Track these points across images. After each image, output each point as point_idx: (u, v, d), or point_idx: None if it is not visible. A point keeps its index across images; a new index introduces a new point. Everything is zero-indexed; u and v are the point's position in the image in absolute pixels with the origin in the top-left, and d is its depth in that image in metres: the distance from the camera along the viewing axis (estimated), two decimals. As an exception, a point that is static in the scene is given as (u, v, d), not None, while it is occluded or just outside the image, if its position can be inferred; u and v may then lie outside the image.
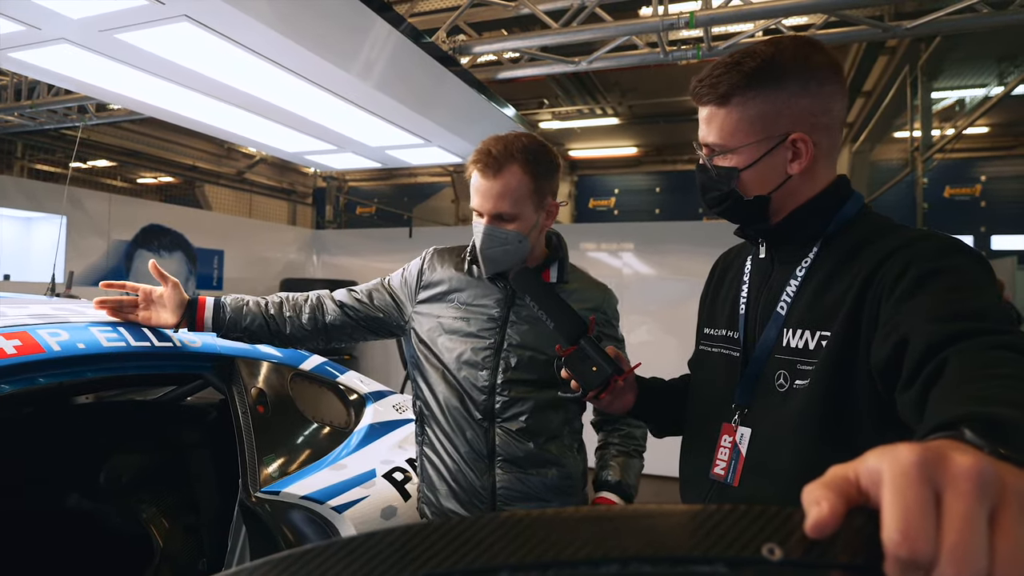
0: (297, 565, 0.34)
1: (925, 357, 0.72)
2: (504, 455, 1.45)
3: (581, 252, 6.12)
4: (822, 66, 0.95)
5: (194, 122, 3.79)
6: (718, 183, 1.01)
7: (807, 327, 0.93)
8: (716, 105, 0.98)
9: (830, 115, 0.96)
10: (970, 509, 0.33)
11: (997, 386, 0.60)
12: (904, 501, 0.33)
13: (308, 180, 10.05)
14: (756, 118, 0.95)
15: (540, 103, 8.30)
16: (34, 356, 1.31)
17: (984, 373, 0.64)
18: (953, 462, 0.34)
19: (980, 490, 0.33)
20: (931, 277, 0.81)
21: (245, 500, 1.52)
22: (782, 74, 0.94)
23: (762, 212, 1.00)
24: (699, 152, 1.04)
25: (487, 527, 0.34)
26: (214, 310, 1.51)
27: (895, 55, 5.96)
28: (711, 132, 0.99)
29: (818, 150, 0.96)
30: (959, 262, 0.83)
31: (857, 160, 8.07)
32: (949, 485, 0.34)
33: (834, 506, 0.34)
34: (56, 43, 2.68)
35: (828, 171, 1.00)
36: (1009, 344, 0.68)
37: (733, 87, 0.95)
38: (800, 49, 0.95)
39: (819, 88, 0.95)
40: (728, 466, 1.00)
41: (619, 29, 3.17)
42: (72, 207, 5.23)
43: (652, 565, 0.33)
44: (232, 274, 6.59)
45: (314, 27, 2.69)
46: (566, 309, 1.15)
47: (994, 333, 0.70)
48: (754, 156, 0.96)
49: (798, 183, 0.98)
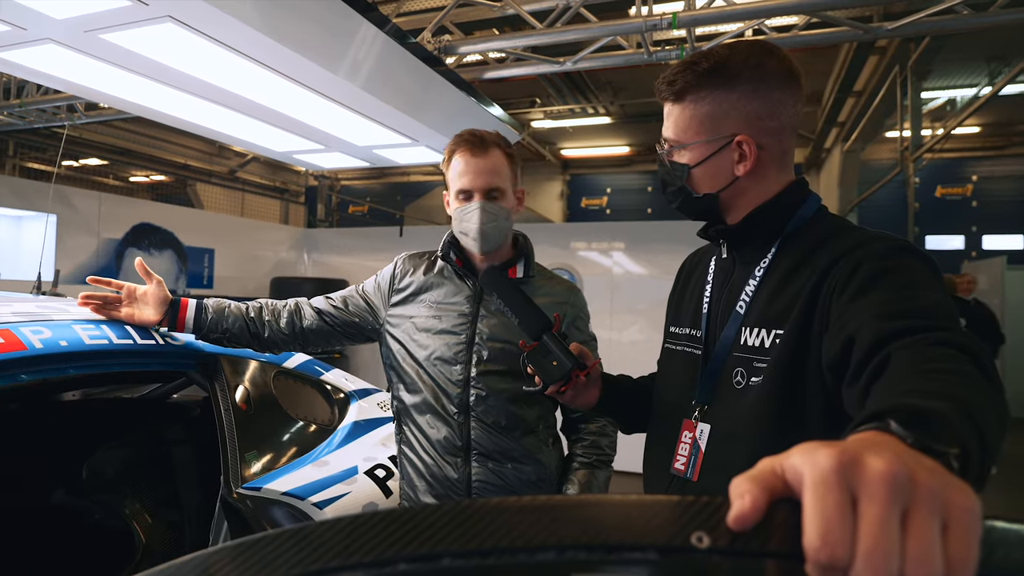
0: (251, 551, 0.36)
1: (870, 353, 0.74)
2: (479, 448, 1.48)
3: (572, 251, 6.13)
4: (774, 72, 0.97)
5: (182, 122, 3.79)
6: (673, 178, 1.05)
7: (763, 325, 0.95)
8: (672, 102, 1.02)
9: (778, 120, 0.98)
10: (883, 513, 0.35)
11: (934, 380, 0.62)
12: (823, 508, 0.35)
13: (301, 179, 10.04)
14: (706, 117, 0.99)
15: (532, 102, 8.32)
16: (16, 353, 1.33)
17: (924, 368, 0.66)
18: (868, 467, 0.36)
19: (892, 493, 0.35)
20: (880, 276, 0.83)
21: (227, 496, 1.54)
22: (733, 76, 0.97)
23: (711, 210, 1.04)
24: (660, 147, 1.08)
25: (432, 515, 0.36)
26: (195, 311, 1.54)
27: (885, 55, 5.99)
28: (669, 127, 1.04)
29: (764, 153, 0.98)
30: (907, 262, 0.85)
31: (848, 160, 8.10)
32: (864, 489, 0.36)
33: (756, 500, 0.36)
34: (42, 43, 2.68)
35: (782, 174, 1.02)
36: (951, 341, 0.70)
37: (687, 85, 0.99)
38: (754, 53, 0.98)
39: (769, 93, 0.97)
40: (688, 461, 1.03)
41: (603, 30, 3.19)
42: (62, 206, 5.22)
43: (587, 552, 0.34)
44: (223, 273, 6.59)
45: (299, 28, 2.70)
46: (531, 306, 1.19)
47: (938, 330, 0.72)
48: (703, 154, 1.00)
49: (747, 185, 1.00)
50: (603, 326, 5.79)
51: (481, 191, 1.48)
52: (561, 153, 10.56)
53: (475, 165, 1.48)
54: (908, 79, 5.63)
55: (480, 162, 1.48)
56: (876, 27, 3.19)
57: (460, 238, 1.54)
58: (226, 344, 1.59)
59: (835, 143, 8.47)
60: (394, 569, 0.34)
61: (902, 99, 5.88)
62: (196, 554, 0.37)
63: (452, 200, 1.53)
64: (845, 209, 8.34)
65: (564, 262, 6.08)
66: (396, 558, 0.34)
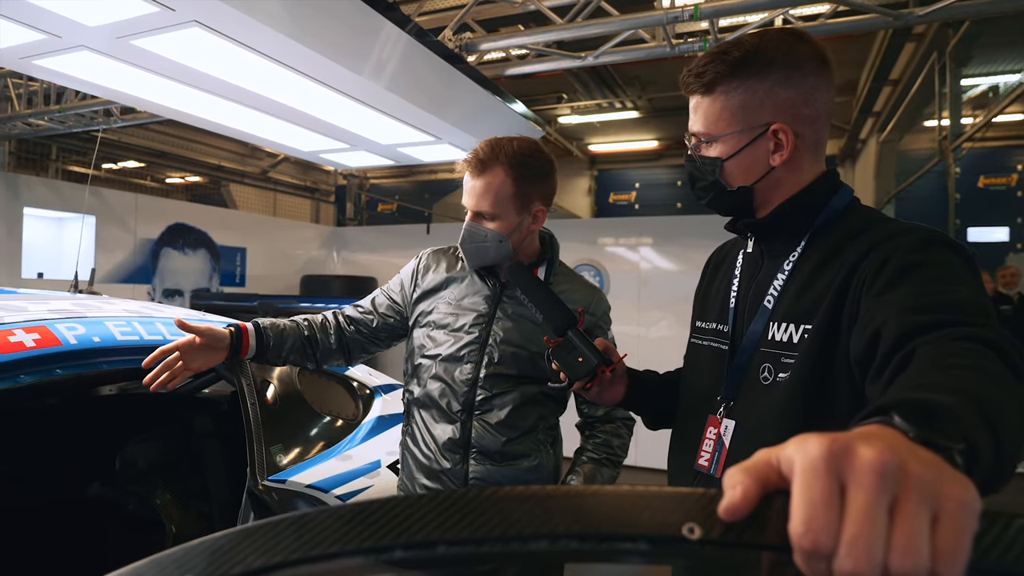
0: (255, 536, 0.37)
1: (894, 348, 0.72)
2: (478, 447, 1.50)
3: (599, 247, 6.10)
4: (807, 58, 0.95)
5: (211, 123, 3.89)
6: (704, 173, 1.02)
7: (791, 320, 0.93)
8: (702, 94, 0.99)
9: (813, 107, 0.96)
10: (869, 501, 0.34)
11: (950, 375, 0.60)
12: (809, 495, 0.35)
13: (330, 178, 10.17)
14: (739, 107, 0.96)
15: (558, 98, 8.28)
16: (52, 349, 1.39)
17: (945, 363, 0.64)
18: (857, 455, 0.36)
19: (881, 482, 0.35)
20: (910, 269, 0.81)
21: (253, 488, 1.57)
22: (766, 64, 0.94)
23: (746, 204, 1.01)
24: (688, 142, 1.05)
25: (428, 504, 0.37)
26: (256, 340, 1.52)
27: (923, 42, 5.81)
28: (697, 121, 1.01)
29: (801, 142, 0.96)
30: (939, 254, 0.82)
31: (884, 150, 7.89)
32: (852, 478, 0.35)
33: (747, 491, 0.36)
34: (76, 50, 2.78)
35: (815, 164, 1.00)
36: (977, 336, 0.68)
37: (718, 76, 0.96)
38: (785, 40, 0.96)
39: (802, 79, 0.95)
40: (712, 457, 1.01)
41: (624, 23, 3.16)
42: (101, 207, 5.40)
43: (579, 541, 0.35)
44: (254, 271, 6.74)
45: (322, 29, 2.74)
46: (556, 302, 1.18)
47: (965, 325, 0.70)
48: (737, 146, 0.97)
49: (782, 175, 0.98)
50: (631, 322, 5.75)
51: (472, 211, 1.50)
52: (588, 148, 10.50)
53: (469, 186, 1.50)
54: (947, 66, 5.45)
55: (476, 183, 1.48)
56: (907, 13, 3.09)
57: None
58: (281, 364, 1.61)
59: (871, 134, 8.25)
60: (390, 556, 0.35)
61: (940, 87, 5.70)
62: (205, 538, 0.39)
63: None
64: (882, 201, 8.12)
65: (591, 258, 6.06)
66: (392, 545, 0.35)
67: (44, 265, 5.12)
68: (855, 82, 7.52)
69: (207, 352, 1.46)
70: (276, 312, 5.07)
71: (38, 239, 5.24)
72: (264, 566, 0.36)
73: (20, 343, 1.34)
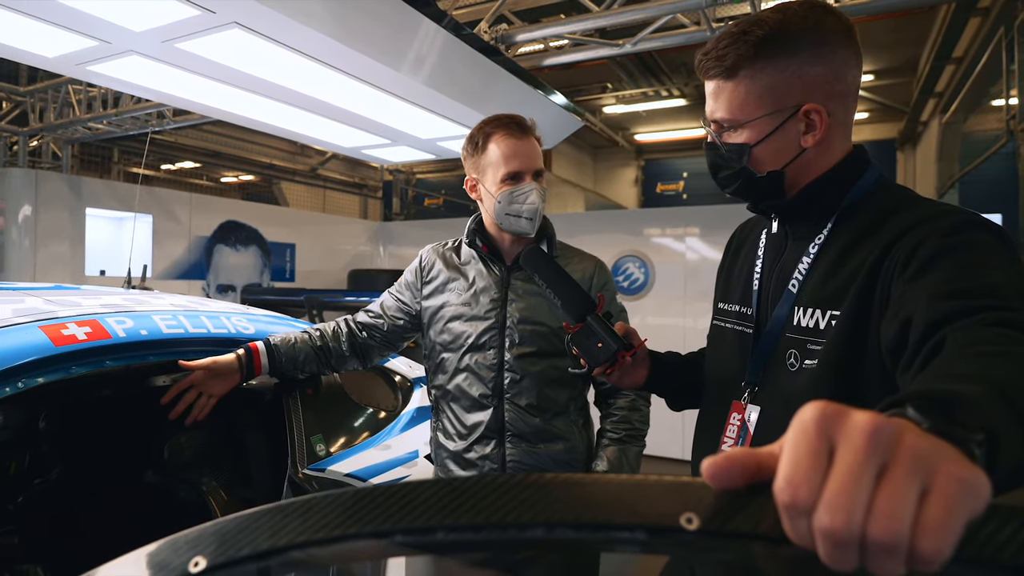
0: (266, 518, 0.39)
1: (924, 336, 0.69)
2: (513, 430, 1.51)
3: (645, 238, 6.01)
4: (835, 31, 0.89)
5: (256, 122, 4.00)
6: (729, 161, 0.97)
7: (818, 306, 0.90)
8: (723, 79, 0.93)
9: (844, 82, 0.91)
10: (856, 460, 0.33)
11: (977, 363, 0.58)
12: (796, 451, 0.34)
13: (378, 174, 10.33)
14: (766, 90, 0.90)
15: (603, 87, 8.19)
16: (102, 341, 1.45)
17: (974, 351, 0.61)
18: (850, 417, 0.35)
19: (871, 444, 0.33)
20: (943, 254, 0.77)
21: (293, 476, 1.62)
22: (793, 41, 0.88)
23: (776, 189, 0.96)
24: (707, 129, 1.00)
25: (428, 491, 0.38)
26: (268, 358, 1.59)
27: (988, 16, 5.52)
28: (719, 107, 0.95)
29: (833, 120, 0.91)
30: (974, 237, 0.78)
31: (947, 132, 7.53)
32: (842, 438, 0.34)
33: (735, 453, 0.35)
34: (126, 55, 2.89)
35: (844, 142, 0.95)
36: (1010, 321, 0.64)
37: (740, 59, 0.90)
38: (811, 13, 0.90)
39: (832, 54, 0.89)
40: (736, 444, 0.98)
41: (662, 8, 3.09)
42: (157, 206, 5.63)
43: (575, 530, 0.35)
44: (303, 267, 6.91)
45: (359, 27, 2.78)
46: (574, 287, 1.15)
47: (997, 310, 0.66)
48: (765, 130, 0.92)
49: (813, 156, 0.93)
50: (677, 313, 5.66)
51: (531, 172, 1.50)
52: (634, 138, 10.36)
53: (522, 148, 1.50)
54: (1015, 41, 5.15)
55: (526, 144, 1.50)
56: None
57: (507, 220, 1.52)
58: (299, 375, 1.68)
59: (932, 115, 7.89)
60: (391, 540, 0.37)
61: (1008, 63, 5.39)
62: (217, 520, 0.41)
63: (493, 184, 1.52)
64: (945, 185, 7.76)
65: (636, 249, 5.98)
66: (393, 530, 0.37)
67: (106, 263, 5.37)
68: (915, 61, 7.19)
69: (222, 378, 1.56)
70: (322, 305, 5.18)
71: (100, 238, 5.49)
72: (271, 548, 0.37)
73: (72, 336, 1.40)
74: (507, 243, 1.59)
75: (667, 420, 1.39)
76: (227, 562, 0.38)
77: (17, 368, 1.23)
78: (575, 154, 10.69)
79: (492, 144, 1.51)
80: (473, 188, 1.60)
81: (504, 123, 1.51)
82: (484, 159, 1.53)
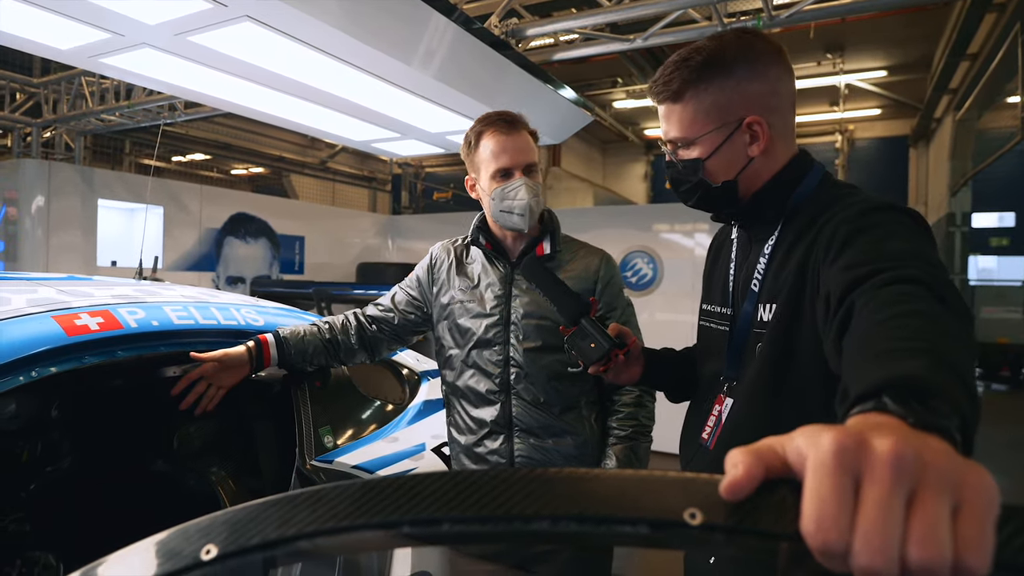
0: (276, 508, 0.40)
1: (837, 305, 0.76)
2: (520, 425, 1.52)
3: (654, 234, 6.00)
4: (765, 52, 1.00)
5: (266, 115, 4.01)
6: (686, 175, 1.06)
7: (769, 300, 0.99)
8: (672, 102, 1.03)
9: (779, 96, 1.02)
10: (884, 495, 0.33)
11: (900, 330, 0.61)
12: (820, 492, 0.34)
13: (387, 167, 10.34)
14: (711, 108, 1.00)
15: (613, 82, 8.17)
16: (114, 332, 1.46)
17: (884, 315, 0.65)
18: (872, 448, 0.35)
19: (897, 475, 0.34)
20: (855, 235, 0.84)
21: (301, 467, 1.63)
22: (728, 63, 0.99)
23: (731, 197, 1.05)
24: (665, 149, 1.09)
25: (435, 483, 0.38)
26: (278, 350, 1.62)
27: (1004, 12, 5.46)
28: (672, 128, 1.05)
29: (773, 130, 1.01)
30: (883, 217, 0.86)
31: (961, 129, 7.46)
32: (867, 472, 0.34)
33: (751, 469, 0.35)
34: (139, 48, 2.91)
35: (787, 149, 1.04)
36: (908, 277, 0.69)
37: (685, 82, 1.01)
38: (742, 39, 1.01)
39: (766, 71, 1.00)
40: (711, 431, 1.08)
41: (674, 3, 3.07)
42: (168, 198, 5.66)
43: (578, 523, 0.36)
44: (312, 259, 6.93)
45: (369, 20, 2.78)
46: (568, 293, 1.24)
47: (895, 270, 0.71)
48: (715, 144, 1.01)
49: (761, 164, 1.02)
50: (685, 309, 5.65)
51: (521, 168, 1.51)
52: (644, 133, 10.32)
53: (511, 143, 1.51)
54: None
55: (515, 140, 1.51)
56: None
57: (502, 218, 1.54)
58: (308, 368, 1.69)
59: (946, 112, 7.82)
60: (398, 531, 0.37)
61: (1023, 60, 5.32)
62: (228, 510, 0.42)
63: (486, 181, 1.54)
64: (957, 183, 7.69)
65: (644, 245, 5.96)
66: (400, 521, 0.37)
67: (117, 254, 5.41)
68: (929, 57, 7.12)
69: (231, 370, 1.59)
70: (330, 298, 5.20)
71: (112, 229, 5.53)
72: (281, 537, 0.38)
73: (85, 326, 1.41)
74: (510, 240, 1.60)
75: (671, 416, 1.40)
76: (238, 550, 0.39)
77: (31, 357, 1.24)
78: (584, 149, 10.67)
79: (483, 142, 1.53)
80: (472, 187, 1.62)
81: (493, 120, 1.52)
82: (477, 157, 1.55)
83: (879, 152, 10.51)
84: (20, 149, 6.14)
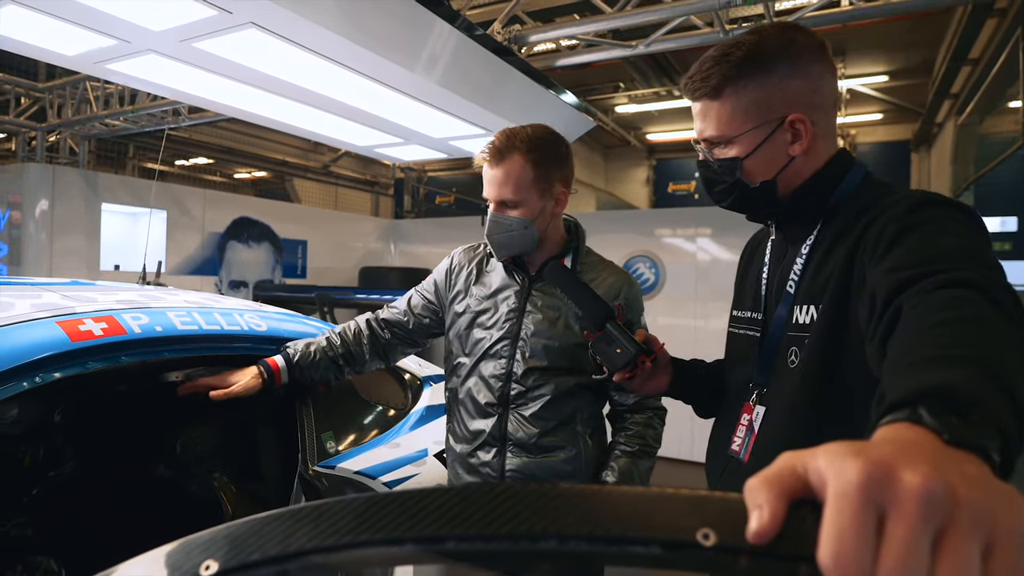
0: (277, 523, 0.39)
1: (884, 307, 0.72)
2: (514, 440, 1.51)
3: (656, 238, 6.00)
4: (807, 47, 0.96)
5: (270, 121, 4.02)
6: (722, 175, 1.02)
7: (808, 302, 0.95)
8: (710, 98, 0.99)
9: (822, 94, 0.98)
10: (910, 534, 0.31)
11: (944, 336, 0.57)
12: (840, 524, 0.32)
13: (389, 172, 10.35)
14: (751, 105, 0.96)
15: (615, 87, 8.17)
16: (118, 337, 1.46)
17: (931, 320, 0.61)
18: (900, 483, 0.33)
19: (926, 513, 0.31)
20: (903, 233, 0.80)
21: (304, 473, 1.63)
22: (770, 59, 0.95)
23: (770, 197, 1.01)
24: (698, 148, 1.05)
25: (441, 499, 0.37)
26: (288, 371, 1.62)
27: (1006, 17, 5.45)
28: (708, 126, 1.01)
29: (816, 128, 0.97)
30: (932, 214, 0.82)
31: (963, 134, 7.44)
32: (893, 508, 0.32)
33: (775, 511, 0.33)
34: (144, 54, 2.92)
35: (828, 148, 1.01)
36: (960, 280, 0.66)
37: (724, 78, 0.96)
38: (784, 33, 0.97)
39: (808, 68, 0.96)
40: (743, 443, 1.03)
41: (676, 10, 3.08)
42: (171, 202, 5.67)
43: (588, 543, 0.34)
44: (315, 263, 6.94)
45: (373, 27, 2.79)
46: (593, 297, 1.22)
47: (948, 272, 0.68)
48: (755, 143, 0.97)
49: (801, 164, 0.99)
50: (688, 314, 5.65)
51: (495, 201, 1.51)
52: (646, 138, 10.32)
53: (491, 176, 1.50)
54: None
55: (496, 172, 1.49)
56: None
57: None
58: (320, 384, 1.70)
59: (948, 117, 7.80)
60: (401, 548, 0.36)
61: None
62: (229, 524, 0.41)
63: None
64: (960, 188, 7.67)
65: (646, 249, 5.96)
66: (404, 538, 0.36)
67: (121, 258, 5.42)
68: (931, 62, 7.11)
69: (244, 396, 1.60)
70: (333, 302, 5.21)
71: (115, 233, 5.54)
72: (282, 553, 0.38)
73: (89, 332, 1.41)
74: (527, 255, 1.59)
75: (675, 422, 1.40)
76: (238, 566, 0.38)
77: (35, 363, 1.24)
78: (587, 154, 10.67)
79: (482, 166, 1.54)
80: None
81: (487, 148, 1.52)
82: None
83: (881, 157, 10.50)
84: (25, 153, 6.16)
